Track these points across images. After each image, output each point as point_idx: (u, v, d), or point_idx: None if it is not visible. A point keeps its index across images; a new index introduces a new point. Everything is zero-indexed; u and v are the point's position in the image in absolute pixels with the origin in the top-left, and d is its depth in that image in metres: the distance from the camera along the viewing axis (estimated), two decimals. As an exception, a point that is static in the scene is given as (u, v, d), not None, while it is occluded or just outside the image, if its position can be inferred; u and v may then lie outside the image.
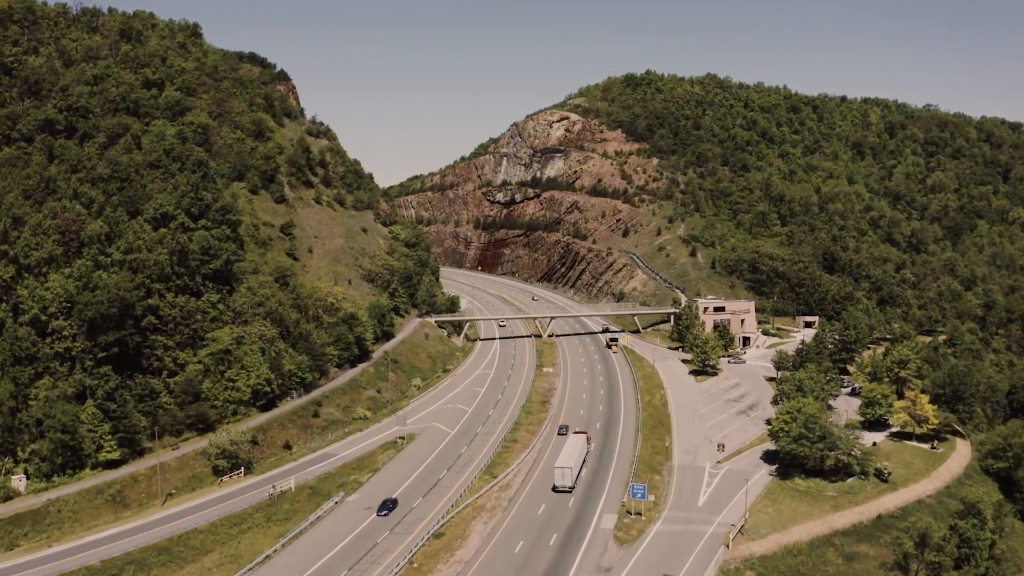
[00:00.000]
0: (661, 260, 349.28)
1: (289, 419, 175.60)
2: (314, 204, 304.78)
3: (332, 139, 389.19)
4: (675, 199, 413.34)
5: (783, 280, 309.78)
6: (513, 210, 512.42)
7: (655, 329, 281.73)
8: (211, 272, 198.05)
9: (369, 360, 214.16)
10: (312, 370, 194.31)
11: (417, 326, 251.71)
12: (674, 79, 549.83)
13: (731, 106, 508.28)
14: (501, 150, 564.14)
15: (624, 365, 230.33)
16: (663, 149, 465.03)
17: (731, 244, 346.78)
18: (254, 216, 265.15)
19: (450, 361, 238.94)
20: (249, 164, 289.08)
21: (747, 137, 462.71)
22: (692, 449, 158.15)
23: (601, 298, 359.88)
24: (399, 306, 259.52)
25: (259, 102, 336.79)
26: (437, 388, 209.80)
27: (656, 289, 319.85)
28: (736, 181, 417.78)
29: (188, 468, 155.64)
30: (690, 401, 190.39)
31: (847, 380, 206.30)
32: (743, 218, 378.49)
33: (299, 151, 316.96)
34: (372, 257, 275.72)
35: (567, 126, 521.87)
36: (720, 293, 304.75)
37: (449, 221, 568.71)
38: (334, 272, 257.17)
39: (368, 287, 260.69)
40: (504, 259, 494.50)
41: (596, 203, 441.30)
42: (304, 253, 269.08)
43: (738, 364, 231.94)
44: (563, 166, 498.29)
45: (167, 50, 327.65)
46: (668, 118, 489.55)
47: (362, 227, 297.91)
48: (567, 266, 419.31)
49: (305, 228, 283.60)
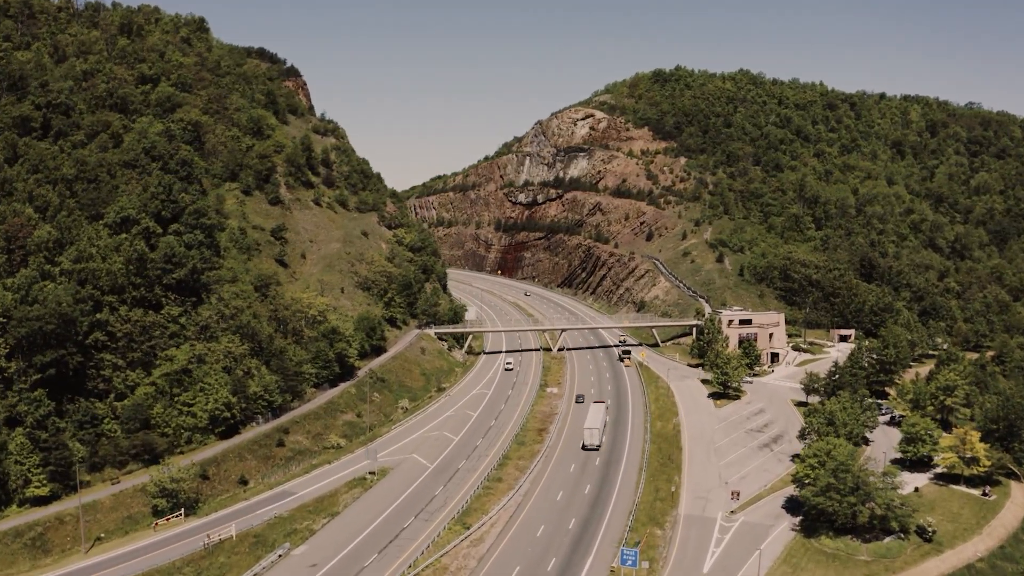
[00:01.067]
0: (686, 266, 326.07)
1: (250, 448, 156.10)
2: (313, 206, 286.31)
3: (341, 137, 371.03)
4: (703, 201, 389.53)
5: (816, 289, 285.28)
6: (535, 211, 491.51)
7: (675, 343, 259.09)
8: (174, 282, 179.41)
9: (353, 379, 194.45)
10: (284, 391, 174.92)
11: (414, 339, 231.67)
12: (705, 75, 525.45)
13: (764, 103, 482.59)
14: (524, 149, 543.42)
15: (636, 385, 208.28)
16: (691, 148, 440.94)
17: (761, 249, 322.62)
18: (244, 219, 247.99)
19: (447, 378, 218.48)
20: (244, 163, 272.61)
21: (780, 135, 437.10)
22: (703, 494, 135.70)
23: (621, 306, 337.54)
24: (395, 317, 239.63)
25: (259, 98, 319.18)
26: (426, 411, 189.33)
27: (679, 298, 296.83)
28: (768, 181, 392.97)
29: (125, 507, 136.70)
30: (706, 431, 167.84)
31: (885, 407, 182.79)
32: (775, 221, 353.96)
33: (299, 150, 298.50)
34: (370, 263, 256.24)
35: (592, 124, 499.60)
36: (748, 303, 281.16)
37: (470, 223, 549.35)
38: (326, 280, 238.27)
39: (363, 296, 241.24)
40: (524, 263, 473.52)
41: (620, 205, 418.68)
42: (296, 259, 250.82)
43: (764, 383, 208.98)
44: (587, 166, 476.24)
45: (167, 45, 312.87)
46: (697, 115, 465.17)
47: (362, 231, 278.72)
48: (588, 271, 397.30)
49: (300, 232, 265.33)
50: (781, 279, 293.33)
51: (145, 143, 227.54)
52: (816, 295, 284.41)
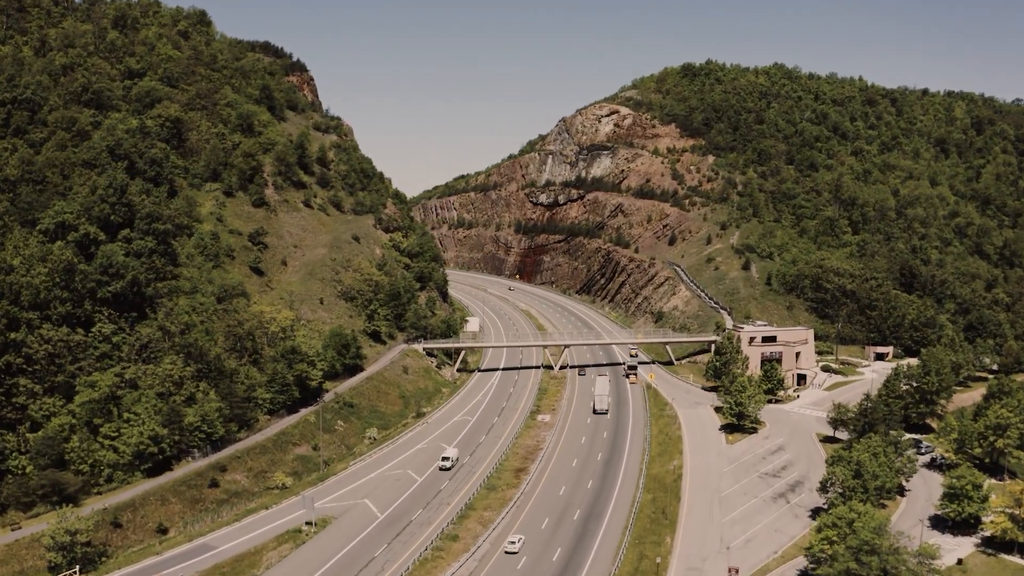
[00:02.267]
0: (709, 274, 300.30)
1: (176, 490, 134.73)
2: (302, 208, 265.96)
3: (344, 135, 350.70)
4: (730, 202, 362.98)
5: (851, 301, 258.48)
6: (556, 213, 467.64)
7: (691, 361, 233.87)
8: (111, 296, 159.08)
9: (317, 403, 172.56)
10: (229, 420, 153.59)
11: (398, 356, 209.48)
12: (736, 69, 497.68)
13: (799, 98, 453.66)
14: (547, 148, 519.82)
15: (640, 413, 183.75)
16: (720, 145, 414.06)
17: (792, 255, 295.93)
18: (220, 223, 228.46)
19: (430, 401, 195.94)
20: (228, 162, 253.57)
21: (816, 132, 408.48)
22: (697, 564, 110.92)
23: (639, 317, 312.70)
24: (379, 331, 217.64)
25: (253, 93, 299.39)
26: (397, 441, 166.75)
27: (699, 309, 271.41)
28: (802, 181, 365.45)
29: (18, 559, 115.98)
30: (712, 476, 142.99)
31: (925, 445, 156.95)
32: (808, 224, 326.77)
33: (290, 148, 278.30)
34: (357, 270, 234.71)
35: (616, 120, 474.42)
36: (774, 316, 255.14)
37: (490, 224, 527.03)
38: (305, 289, 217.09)
39: (345, 307, 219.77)
40: (543, 267, 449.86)
41: (642, 206, 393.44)
42: (275, 266, 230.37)
43: (787, 411, 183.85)
44: (610, 164, 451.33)
45: (159, 38, 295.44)
46: (728, 111, 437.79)
47: (353, 235, 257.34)
48: (607, 277, 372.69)
49: (284, 236, 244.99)
50: (812, 289, 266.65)
51: (110, 140, 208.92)
52: (851, 307, 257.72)
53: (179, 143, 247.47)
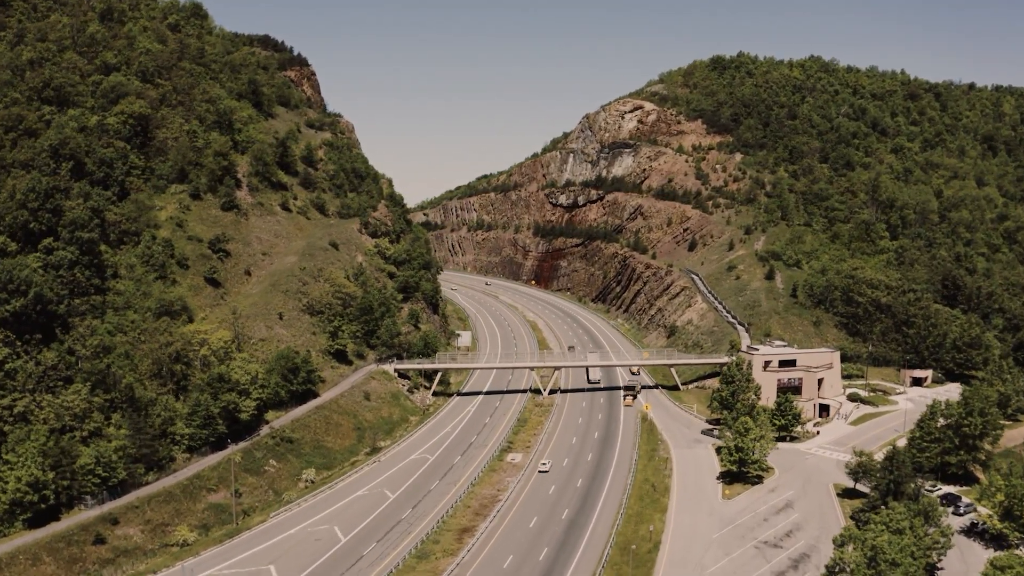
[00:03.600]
0: (729, 283, 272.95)
1: (53, 546, 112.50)
2: (278, 211, 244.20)
3: (341, 132, 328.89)
4: (757, 203, 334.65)
5: (886, 316, 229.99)
6: (575, 215, 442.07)
7: (699, 386, 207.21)
8: (9, 315, 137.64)
9: (252, 437, 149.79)
10: (136, 460, 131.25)
11: (361, 379, 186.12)
12: (769, 62, 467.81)
13: (836, 92, 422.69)
14: (569, 146, 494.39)
15: (627, 453, 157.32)
16: (749, 142, 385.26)
17: (822, 263, 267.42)
18: (182, 228, 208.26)
19: (391, 434, 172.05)
20: (198, 162, 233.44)
21: (853, 128, 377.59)
22: None
23: (651, 330, 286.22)
24: (344, 350, 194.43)
25: (241, 88, 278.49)
26: (335, 486, 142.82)
27: (715, 324, 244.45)
28: (836, 181, 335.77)
29: None
30: (698, 543, 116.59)
31: (964, 503, 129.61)
32: (841, 229, 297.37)
33: (270, 146, 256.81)
34: (329, 281, 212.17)
35: (640, 116, 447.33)
36: (798, 333, 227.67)
37: (509, 226, 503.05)
38: (265, 303, 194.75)
39: (309, 323, 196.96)
40: (560, 272, 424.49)
41: (662, 208, 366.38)
42: (236, 277, 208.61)
43: (803, 452, 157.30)
44: (631, 163, 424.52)
45: (144, 31, 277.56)
46: (758, 106, 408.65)
47: (331, 241, 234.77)
48: (622, 285, 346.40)
49: (253, 242, 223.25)
50: (843, 302, 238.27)
51: (54, 139, 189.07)
52: (885, 324, 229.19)
53: (144, 142, 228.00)
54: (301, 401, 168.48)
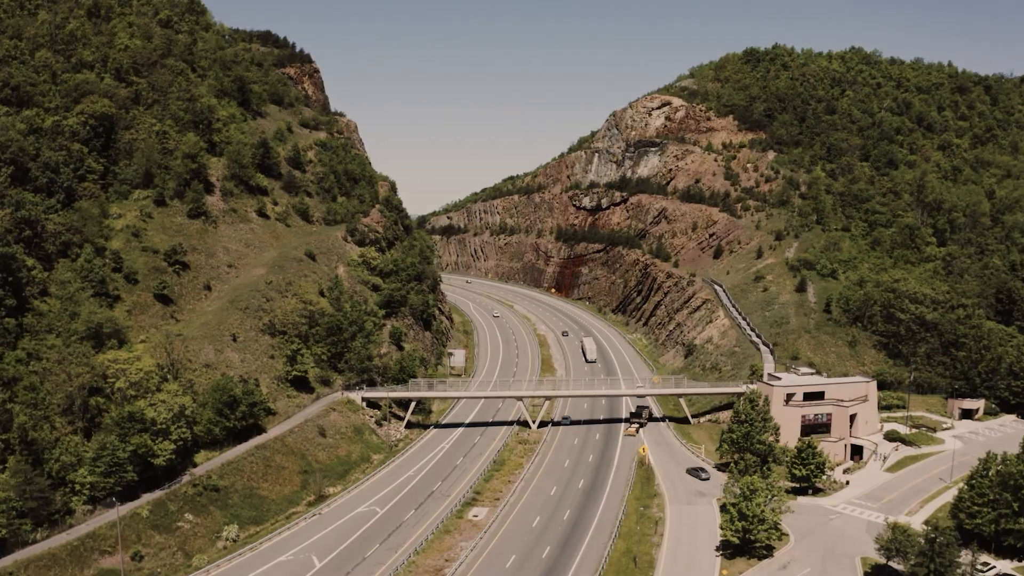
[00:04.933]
0: (755, 296, 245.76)
1: None
2: (254, 218, 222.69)
3: (339, 132, 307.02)
4: (791, 206, 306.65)
5: (932, 335, 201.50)
6: (598, 218, 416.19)
7: (712, 419, 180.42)
8: None
9: (170, 485, 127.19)
10: (21, 515, 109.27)
11: (320, 410, 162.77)
12: (807, 54, 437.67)
13: (878, 85, 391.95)
14: (595, 145, 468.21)
15: (612, 510, 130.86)
16: (783, 139, 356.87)
17: (860, 274, 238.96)
18: (138, 238, 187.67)
19: (344, 477, 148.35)
20: (166, 165, 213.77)
21: (897, 124, 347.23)
22: None
23: (668, 347, 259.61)
24: (305, 376, 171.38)
25: (211, 83, 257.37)
26: (258, 548, 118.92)
27: (736, 343, 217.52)
28: (878, 181, 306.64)
29: None
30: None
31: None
32: (882, 234, 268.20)
33: (249, 147, 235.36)
34: (297, 296, 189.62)
35: (668, 113, 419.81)
36: (831, 355, 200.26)
37: (532, 230, 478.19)
38: (219, 322, 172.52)
39: (267, 345, 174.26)
40: (581, 280, 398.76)
41: (688, 211, 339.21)
42: (193, 292, 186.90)
43: (827, 510, 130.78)
44: (658, 163, 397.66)
45: (129, 27, 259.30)
46: (794, 100, 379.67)
47: (308, 251, 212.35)
48: (643, 295, 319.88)
49: (218, 253, 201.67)
50: (883, 319, 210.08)
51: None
52: (931, 344, 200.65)
53: (107, 144, 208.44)
54: (241, 439, 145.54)
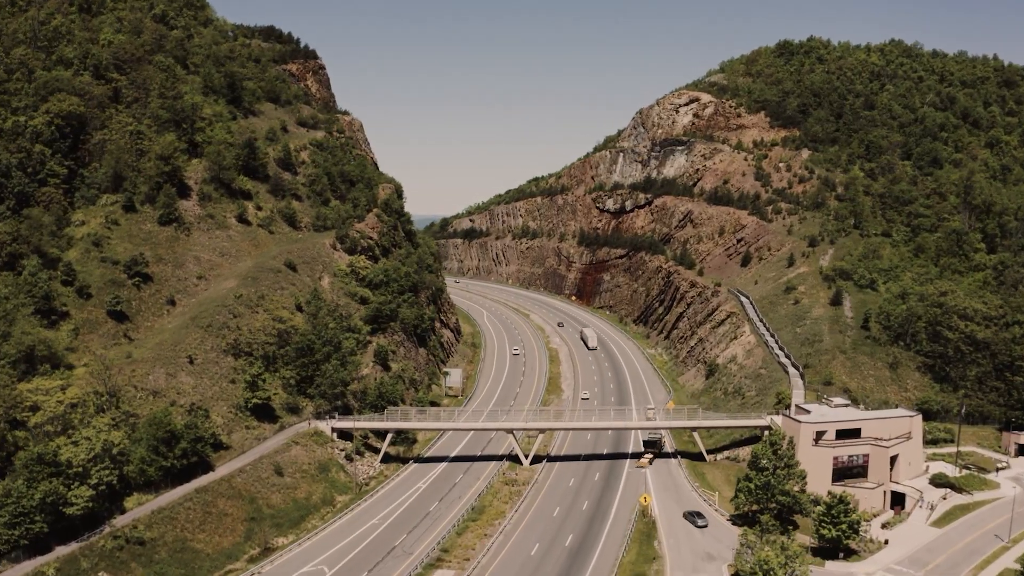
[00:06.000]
0: (786, 309, 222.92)
1: None
2: (233, 224, 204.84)
3: (340, 131, 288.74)
4: (826, 209, 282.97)
5: (984, 357, 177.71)
6: (622, 221, 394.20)
7: (730, 457, 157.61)
8: None
9: (88, 536, 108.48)
10: None
11: (279, 444, 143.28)
12: (844, 47, 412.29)
13: (920, 79, 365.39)
14: (621, 144, 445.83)
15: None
16: (818, 137, 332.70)
17: (902, 285, 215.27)
18: (99, 248, 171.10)
19: (300, 525, 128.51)
20: (138, 167, 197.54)
21: (941, 120, 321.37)
22: None
23: (689, 365, 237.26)
24: (267, 403, 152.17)
25: (194, 80, 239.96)
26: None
27: (763, 364, 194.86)
28: (921, 181, 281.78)
29: None
30: None
31: None
32: (926, 240, 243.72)
33: (232, 148, 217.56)
34: (267, 313, 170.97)
35: (696, 110, 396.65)
36: (869, 379, 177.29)
37: (554, 234, 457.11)
38: (176, 342, 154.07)
39: (230, 367, 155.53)
40: (603, 287, 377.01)
41: (715, 214, 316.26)
42: (155, 308, 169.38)
43: (862, 574, 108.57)
44: (684, 163, 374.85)
45: (118, 22, 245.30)
46: (830, 95, 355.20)
47: (288, 260, 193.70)
48: (665, 306, 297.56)
49: (187, 264, 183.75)
50: (928, 337, 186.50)
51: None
52: (983, 367, 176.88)
53: (76, 145, 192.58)
54: (182, 480, 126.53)
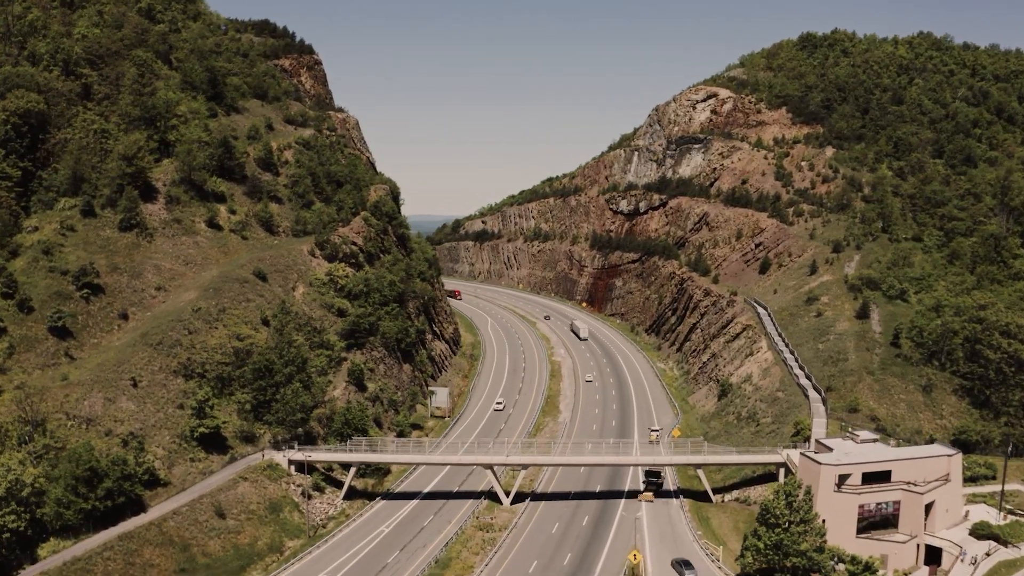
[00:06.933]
0: (807, 322, 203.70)
1: None
2: (202, 229, 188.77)
3: (331, 129, 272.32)
4: (852, 210, 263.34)
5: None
6: (635, 223, 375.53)
7: (739, 498, 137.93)
8: None
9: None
10: None
11: (226, 480, 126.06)
12: (870, 39, 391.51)
13: (951, 73, 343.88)
14: (636, 143, 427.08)
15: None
16: (843, 134, 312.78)
17: (936, 296, 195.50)
18: (48, 256, 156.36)
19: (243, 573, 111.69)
20: (101, 168, 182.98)
21: (974, 115, 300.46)
22: None
23: (701, 382, 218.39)
24: (217, 432, 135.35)
25: (167, 74, 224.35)
26: None
27: (781, 386, 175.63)
28: (954, 181, 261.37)
29: None
30: None
31: None
32: (961, 245, 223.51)
33: (206, 146, 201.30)
34: (227, 328, 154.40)
35: (713, 106, 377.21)
36: (900, 404, 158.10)
37: (566, 237, 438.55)
38: (120, 362, 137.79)
39: (180, 389, 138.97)
40: (614, 294, 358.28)
41: (732, 216, 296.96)
42: (105, 322, 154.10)
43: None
44: (701, 161, 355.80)
45: (99, 15, 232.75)
46: (856, 89, 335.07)
47: (257, 269, 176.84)
48: (678, 315, 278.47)
49: (146, 273, 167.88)
50: (966, 356, 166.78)
51: None
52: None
53: (33, 145, 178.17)
54: (107, 523, 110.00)
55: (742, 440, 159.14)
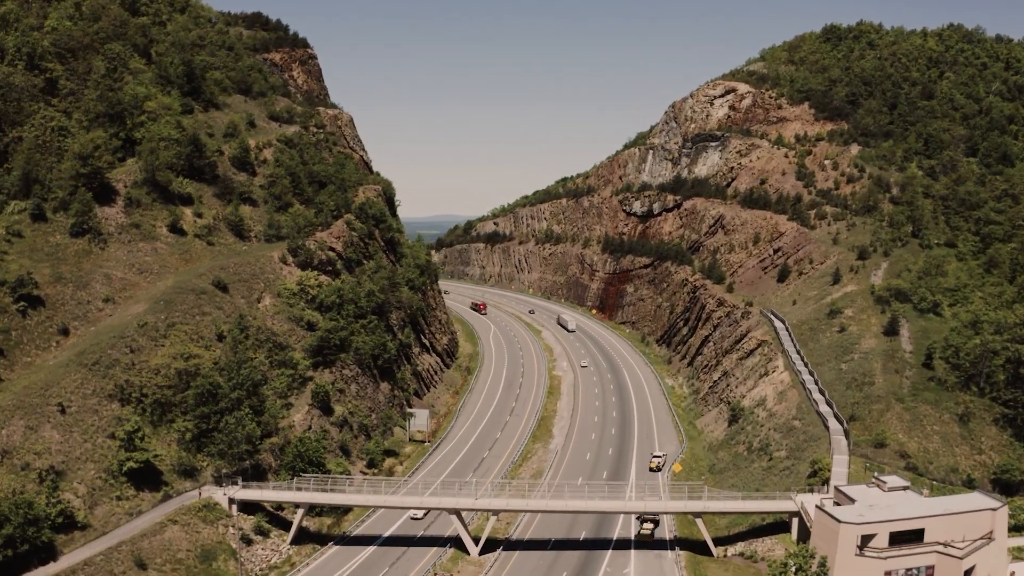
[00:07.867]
0: (829, 338, 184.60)
1: None
2: (163, 234, 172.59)
3: (319, 126, 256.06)
4: (879, 213, 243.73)
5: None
6: (649, 225, 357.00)
7: (744, 553, 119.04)
8: None
9: None
10: None
11: (154, 524, 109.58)
12: (897, 32, 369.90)
13: (984, 66, 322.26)
14: (651, 141, 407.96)
15: None
16: (870, 130, 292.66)
17: (972, 310, 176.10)
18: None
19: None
20: (56, 168, 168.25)
21: (1009, 111, 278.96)
22: None
23: (711, 404, 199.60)
24: (150, 466, 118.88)
25: (137, 68, 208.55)
26: None
27: (798, 413, 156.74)
28: (989, 181, 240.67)
29: None
30: None
31: None
32: (999, 251, 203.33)
33: (174, 144, 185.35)
34: (174, 346, 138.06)
35: (732, 101, 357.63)
36: (933, 435, 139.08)
37: (578, 239, 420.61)
38: (48, 384, 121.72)
39: (114, 416, 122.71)
40: (625, 300, 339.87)
41: (749, 219, 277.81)
42: (42, 339, 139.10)
43: None
44: (718, 160, 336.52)
45: (77, 7, 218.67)
46: (883, 83, 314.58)
47: (216, 279, 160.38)
48: (690, 326, 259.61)
49: (94, 283, 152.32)
50: (1008, 381, 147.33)
51: None
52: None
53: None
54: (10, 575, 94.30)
55: (752, 476, 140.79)
